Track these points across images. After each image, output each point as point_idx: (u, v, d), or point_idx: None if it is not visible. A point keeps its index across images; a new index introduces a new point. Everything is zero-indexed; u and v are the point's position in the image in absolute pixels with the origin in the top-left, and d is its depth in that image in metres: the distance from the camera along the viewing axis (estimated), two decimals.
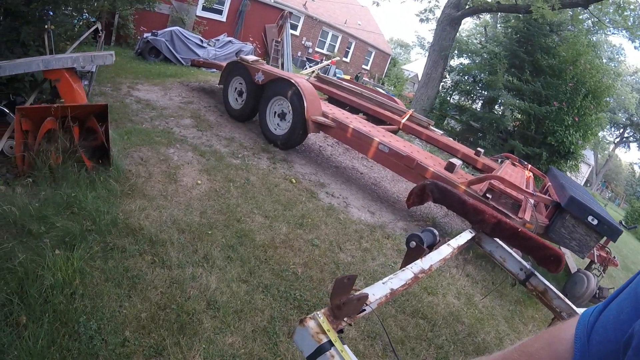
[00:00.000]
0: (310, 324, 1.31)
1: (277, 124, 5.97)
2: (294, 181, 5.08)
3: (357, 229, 4.47)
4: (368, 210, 5.15)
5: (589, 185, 41.58)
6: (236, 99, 6.66)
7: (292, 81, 5.60)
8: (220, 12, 16.00)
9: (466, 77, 13.17)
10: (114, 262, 2.73)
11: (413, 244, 2.06)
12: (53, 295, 2.32)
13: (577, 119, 10.59)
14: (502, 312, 4.19)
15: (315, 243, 3.84)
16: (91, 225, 3.01)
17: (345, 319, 1.49)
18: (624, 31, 12.62)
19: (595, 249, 5.78)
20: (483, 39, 15.87)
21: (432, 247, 2.17)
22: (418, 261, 1.94)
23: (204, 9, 14.61)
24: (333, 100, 8.13)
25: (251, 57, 6.48)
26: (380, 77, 28.57)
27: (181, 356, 2.23)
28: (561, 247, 6.67)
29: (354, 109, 7.70)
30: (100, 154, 3.94)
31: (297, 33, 22.32)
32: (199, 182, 4.26)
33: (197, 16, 14.49)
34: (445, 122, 13.31)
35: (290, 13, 17.59)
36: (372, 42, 27.59)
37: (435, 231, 2.21)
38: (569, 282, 5.53)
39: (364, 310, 1.47)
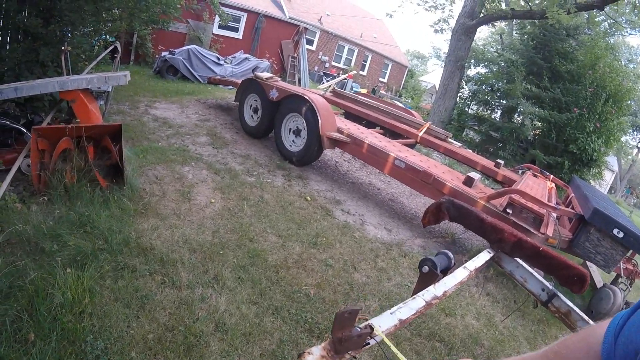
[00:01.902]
0: (309, 358, 1.24)
1: (292, 141, 5.94)
2: (309, 199, 5.03)
3: (373, 248, 4.36)
4: (385, 227, 5.04)
5: (613, 192, 40.55)
6: (252, 115, 6.68)
7: (306, 97, 5.57)
8: (236, 29, 16.27)
9: (484, 87, 12.97)
10: (123, 282, 2.72)
11: (426, 269, 1.96)
12: (62, 313, 2.32)
13: (598, 125, 10.31)
14: (524, 333, 4.02)
15: (329, 263, 3.75)
16: (103, 245, 3.01)
17: (349, 351, 1.42)
18: None
19: (621, 261, 5.58)
20: (499, 47, 15.68)
21: (446, 271, 2.07)
22: (431, 287, 1.84)
23: (220, 27, 14.89)
24: (350, 114, 8.08)
25: (265, 74, 6.50)
26: (397, 89, 28.49)
27: None
28: (586, 262, 6.50)
29: (370, 123, 7.62)
30: (115, 173, 3.97)
31: (313, 48, 22.47)
32: (213, 200, 4.24)
33: (213, 34, 14.74)
34: (464, 133, 13.10)
35: (306, 29, 17.71)
36: (388, 55, 27.56)
37: (450, 254, 2.11)
38: (594, 297, 5.33)
39: (369, 343, 1.39)
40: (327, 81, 18.84)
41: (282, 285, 3.20)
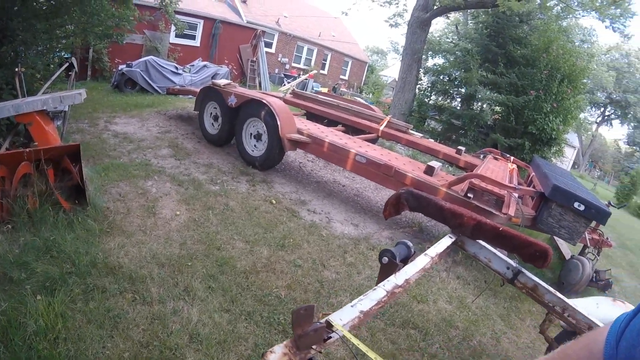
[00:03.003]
0: (271, 357, 1.28)
1: (254, 145, 5.96)
2: (274, 202, 5.05)
3: (341, 244, 4.43)
4: (351, 223, 5.11)
5: (576, 167, 41.94)
6: (212, 124, 6.65)
7: (264, 101, 5.60)
8: (193, 37, 16.09)
9: (442, 77, 13.25)
10: (95, 304, 2.69)
11: (385, 260, 2.01)
12: (37, 341, 2.29)
13: (555, 105, 10.65)
14: (497, 311, 4.16)
15: (298, 263, 3.79)
16: (71, 268, 2.97)
17: (314, 346, 1.46)
18: (593, 12, 12.69)
19: (586, 232, 5.80)
20: (456, 37, 16.00)
21: (406, 260, 2.13)
22: (392, 277, 1.90)
23: (177, 35, 14.69)
24: (311, 115, 8.14)
25: (223, 81, 6.49)
26: (359, 85, 28.75)
27: None
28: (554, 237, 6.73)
29: (332, 122, 7.71)
30: (77, 194, 3.89)
31: (272, 50, 22.41)
32: (178, 212, 4.22)
33: (170, 43, 14.57)
34: (426, 123, 13.35)
35: (264, 32, 17.66)
36: (347, 52, 27.78)
37: (410, 243, 2.17)
38: (564, 269, 5.54)
39: (331, 337, 1.44)
40: (288, 82, 18.83)
41: (253, 290, 3.22)
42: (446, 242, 2.57)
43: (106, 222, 3.70)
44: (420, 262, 2.15)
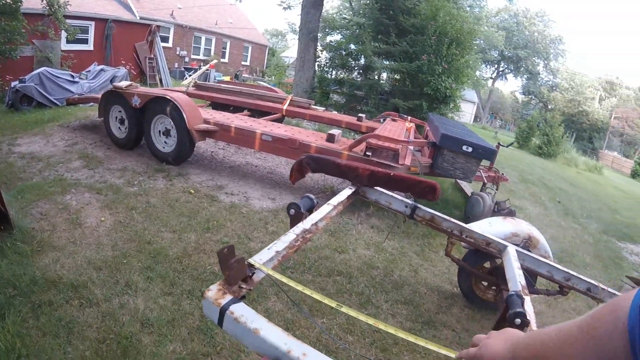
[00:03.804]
0: (209, 294, 1.56)
1: (165, 142, 6.04)
2: (193, 191, 5.26)
3: (262, 217, 4.79)
4: (268, 197, 5.47)
5: (478, 120, 45.11)
6: (119, 127, 6.57)
7: (168, 97, 5.70)
8: (86, 41, 15.28)
9: (339, 52, 13.75)
10: (45, 317, 2.80)
11: (292, 211, 2.36)
12: None
13: (446, 66, 11.48)
14: (412, 249, 4.71)
15: (225, 241, 4.09)
16: (13, 291, 3.02)
17: (243, 285, 1.78)
18: None
19: (482, 172, 6.54)
20: (351, 13, 16.51)
21: (311, 210, 2.49)
22: (300, 224, 2.26)
23: (69, 41, 13.76)
24: (216, 104, 8.26)
25: (124, 83, 6.42)
26: (261, 70, 28.79)
27: None
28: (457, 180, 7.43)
29: (238, 108, 7.91)
30: (0, 220, 3.86)
31: (169, 45, 21.82)
32: (103, 219, 4.30)
33: (62, 51, 13.67)
34: (330, 98, 13.85)
35: (158, 26, 17.18)
36: (246, 38, 27.68)
37: (312, 196, 2.53)
38: (467, 205, 6.23)
39: (254, 273, 1.74)
40: (190, 76, 18.55)
41: (189, 272, 3.49)
42: (346, 192, 2.96)
43: (35, 241, 3.72)
44: (324, 209, 2.52)
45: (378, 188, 3.17)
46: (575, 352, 0.77)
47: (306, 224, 2.27)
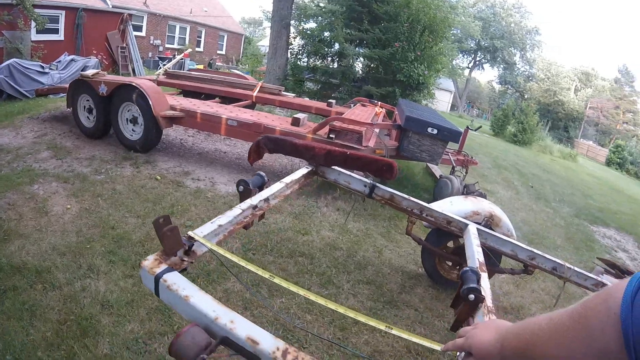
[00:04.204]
0: (145, 263, 1.59)
1: (132, 130, 6.02)
2: (159, 178, 5.27)
3: (226, 201, 4.82)
4: (234, 182, 5.44)
5: (456, 109, 45.59)
6: (87, 117, 6.50)
7: (134, 84, 5.66)
8: (56, 31, 14.88)
9: (312, 39, 13.69)
10: (10, 302, 2.83)
11: (241, 188, 2.38)
12: None
13: (419, 53, 11.53)
14: (377, 230, 4.78)
15: (188, 224, 4.13)
16: None
17: (185, 258, 1.79)
18: None
19: (451, 155, 6.63)
20: (325, 1, 16.43)
21: (262, 187, 2.51)
22: (247, 200, 2.28)
23: (39, 31, 13.50)
24: (187, 92, 8.21)
25: (91, 71, 6.33)
26: (237, 58, 28.56)
27: (90, 355, 2.45)
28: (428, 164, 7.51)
29: (209, 96, 7.88)
30: None
31: (142, 34, 21.41)
32: (69, 206, 4.30)
33: (32, 41, 13.36)
34: (304, 85, 13.81)
35: (130, 15, 16.89)
36: (222, 26, 27.35)
37: (263, 174, 2.55)
38: (436, 187, 6.30)
39: (192, 245, 1.75)
40: (164, 65, 18.33)
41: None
42: (302, 171, 3.00)
43: (2, 230, 3.73)
44: (276, 187, 2.56)
45: (336, 168, 3.19)
46: (566, 341, 0.76)
47: (254, 200, 2.29)
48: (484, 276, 2.14)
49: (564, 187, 12.36)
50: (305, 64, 13.96)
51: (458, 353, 1.18)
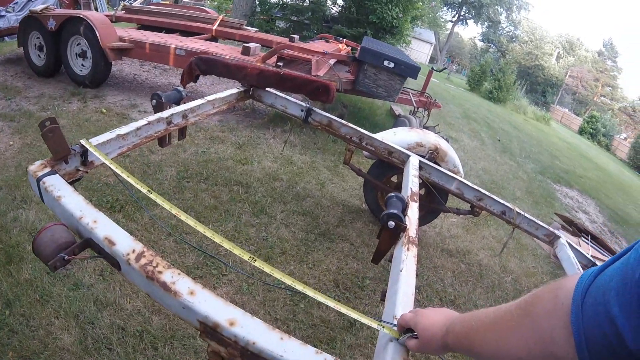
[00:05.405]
0: (31, 168, 1.57)
1: (82, 65, 5.82)
2: (105, 111, 5.15)
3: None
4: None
5: (435, 62, 45.06)
6: (38, 55, 6.25)
7: (81, 16, 5.43)
8: None
9: None
10: None
11: (154, 101, 2.30)
12: None
13: None
14: (324, 164, 4.72)
15: (127, 154, 4.03)
16: None
17: (81, 168, 1.74)
18: None
19: (412, 95, 6.57)
20: None
21: (179, 103, 2.44)
22: (158, 113, 2.21)
23: None
24: (146, 27, 7.92)
25: (40, 7, 6.07)
26: None
27: (13, 280, 2.43)
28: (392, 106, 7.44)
29: (170, 31, 7.62)
30: None
31: None
32: (12, 143, 4.19)
33: None
34: (274, 24, 13.42)
35: None
36: None
37: (182, 89, 2.47)
38: (394, 126, 6.26)
39: (84, 153, 1.70)
40: (130, 3, 17.52)
41: (84, 184, 3.47)
42: (232, 91, 2.91)
43: None
44: (195, 103, 2.47)
45: (272, 91, 3.10)
46: (509, 327, 0.75)
47: (165, 113, 2.22)
48: (413, 206, 2.05)
49: (532, 146, 12.39)
50: (277, 1, 13.52)
51: (401, 336, 1.13)
